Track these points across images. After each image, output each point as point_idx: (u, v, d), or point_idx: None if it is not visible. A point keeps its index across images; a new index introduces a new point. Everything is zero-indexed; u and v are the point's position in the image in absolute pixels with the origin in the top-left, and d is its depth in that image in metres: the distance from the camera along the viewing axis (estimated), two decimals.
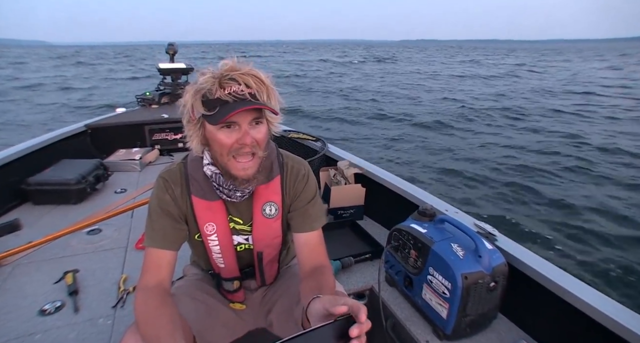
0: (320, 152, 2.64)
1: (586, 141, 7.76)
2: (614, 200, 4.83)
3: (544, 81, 21.11)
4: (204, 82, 0.85)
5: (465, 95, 14.63)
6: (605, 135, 8.50)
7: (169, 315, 0.87)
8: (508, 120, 10.36)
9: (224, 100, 0.84)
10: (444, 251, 1.31)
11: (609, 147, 7.22)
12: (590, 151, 7.12)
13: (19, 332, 1.43)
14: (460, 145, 7.67)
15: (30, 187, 2.57)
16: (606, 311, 1.12)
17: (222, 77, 0.84)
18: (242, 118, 0.86)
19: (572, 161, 6.50)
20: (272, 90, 0.90)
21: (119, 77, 22.64)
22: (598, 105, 12.89)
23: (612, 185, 5.35)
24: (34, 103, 13.80)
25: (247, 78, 0.85)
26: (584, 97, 14.88)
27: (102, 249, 2.04)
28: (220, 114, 0.84)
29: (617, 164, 6.32)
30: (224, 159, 0.91)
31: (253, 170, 0.92)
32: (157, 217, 0.99)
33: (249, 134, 0.88)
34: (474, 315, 1.30)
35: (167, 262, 0.98)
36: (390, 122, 10.28)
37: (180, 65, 4.75)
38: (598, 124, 9.98)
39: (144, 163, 3.46)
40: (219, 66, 0.87)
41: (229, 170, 0.92)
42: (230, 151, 0.89)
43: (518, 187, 5.37)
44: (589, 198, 4.90)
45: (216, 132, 0.88)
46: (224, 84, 0.84)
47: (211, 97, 0.85)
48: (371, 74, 25.82)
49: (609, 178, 5.62)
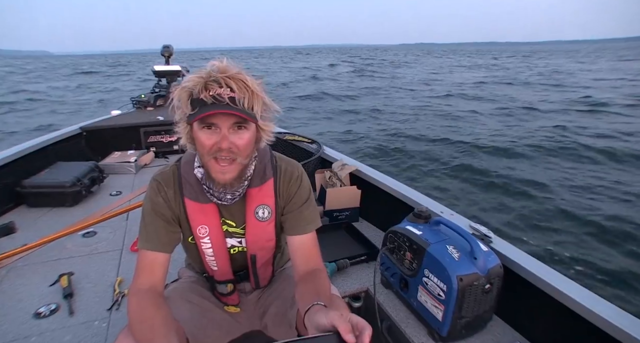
0: (315, 154, 2.65)
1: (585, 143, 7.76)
2: (612, 203, 4.85)
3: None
4: (190, 81, 0.86)
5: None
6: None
7: (163, 318, 0.87)
8: (501, 118, 10.42)
9: (204, 101, 0.84)
10: (439, 253, 1.32)
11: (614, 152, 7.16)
12: (590, 151, 7.14)
13: (14, 334, 1.43)
14: (459, 148, 7.69)
15: (25, 190, 2.56)
16: (601, 313, 1.12)
17: (208, 78, 0.85)
18: (222, 121, 0.86)
19: (570, 161, 6.53)
20: (257, 97, 0.88)
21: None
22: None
23: (611, 188, 5.36)
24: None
25: (230, 81, 0.85)
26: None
27: (97, 252, 2.03)
28: (196, 114, 0.85)
29: (618, 165, 6.32)
30: (204, 159, 0.91)
31: (231, 175, 0.92)
32: (151, 220, 1.00)
33: (227, 139, 0.87)
34: (469, 317, 1.30)
35: (161, 265, 0.98)
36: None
37: (176, 67, 4.74)
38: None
39: (139, 165, 3.45)
40: (208, 66, 0.87)
41: (209, 171, 0.93)
42: (210, 152, 0.89)
43: (514, 189, 5.38)
44: (585, 201, 4.93)
45: (198, 131, 0.88)
46: (208, 86, 0.85)
47: (195, 96, 0.86)
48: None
49: (608, 180, 5.64)
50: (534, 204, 4.87)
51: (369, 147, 7.96)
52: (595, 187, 5.35)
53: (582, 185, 5.46)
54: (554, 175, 5.90)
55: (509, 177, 5.86)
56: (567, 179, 5.68)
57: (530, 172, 6.10)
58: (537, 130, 8.96)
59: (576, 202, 4.86)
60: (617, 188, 5.27)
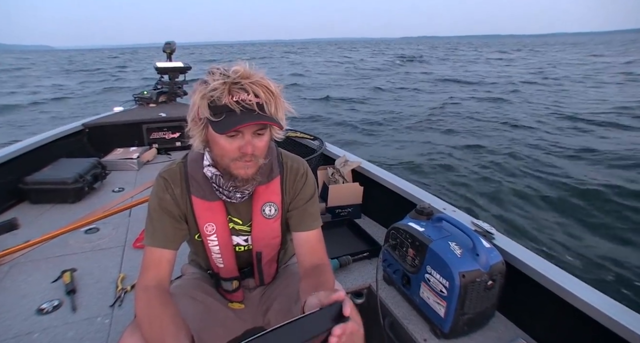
0: (318, 151, 2.64)
1: (590, 140, 7.70)
2: (615, 198, 4.82)
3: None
4: (213, 86, 0.83)
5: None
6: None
7: (172, 316, 0.87)
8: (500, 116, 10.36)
9: (231, 108, 0.83)
10: (441, 249, 1.31)
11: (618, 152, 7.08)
12: (590, 152, 7.11)
13: (16, 331, 1.43)
14: (459, 143, 7.67)
15: (27, 186, 2.57)
16: (604, 309, 1.12)
17: (232, 84, 0.83)
18: (247, 128, 0.86)
19: (572, 158, 6.50)
20: (280, 102, 0.89)
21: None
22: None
23: (615, 183, 5.33)
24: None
25: (257, 88, 0.84)
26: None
27: (99, 248, 2.03)
28: (225, 123, 0.83)
29: (621, 164, 6.29)
30: (224, 162, 0.91)
31: (253, 169, 0.93)
32: (158, 216, 1.00)
33: (251, 144, 0.88)
34: (471, 314, 1.30)
35: (167, 261, 0.98)
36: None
37: (178, 64, 4.74)
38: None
39: (142, 162, 3.45)
40: (230, 71, 0.84)
41: (230, 170, 0.92)
42: (232, 158, 0.89)
43: (516, 185, 5.37)
44: (587, 196, 4.91)
45: (219, 137, 0.87)
46: (232, 91, 0.83)
47: (219, 102, 0.83)
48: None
49: (613, 177, 5.61)
50: (538, 201, 4.86)
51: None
52: (609, 183, 5.28)
53: (591, 180, 5.41)
54: (559, 171, 5.88)
55: (513, 174, 5.84)
56: (574, 176, 5.65)
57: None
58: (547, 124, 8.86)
59: (583, 198, 4.84)
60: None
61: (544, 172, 5.85)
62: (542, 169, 5.99)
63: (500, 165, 6.27)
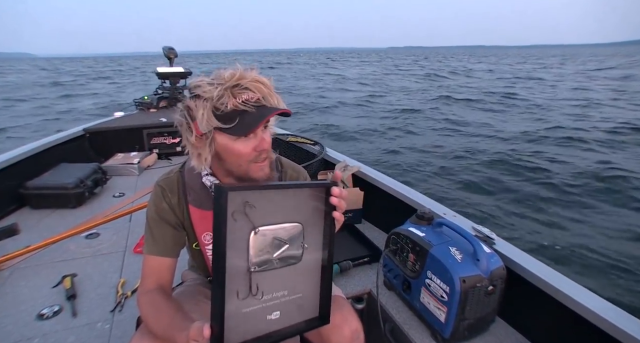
0: (318, 156, 2.64)
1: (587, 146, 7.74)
2: (616, 204, 4.83)
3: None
4: (216, 95, 0.81)
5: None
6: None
7: (177, 309, 0.87)
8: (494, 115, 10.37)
9: (240, 109, 0.82)
10: (442, 255, 1.31)
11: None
12: (591, 152, 7.11)
13: (17, 336, 1.43)
14: (459, 148, 7.68)
15: (28, 191, 2.57)
16: (605, 315, 1.12)
17: (232, 87, 0.82)
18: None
19: (574, 163, 6.50)
20: (276, 93, 0.90)
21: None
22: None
23: (616, 188, 5.33)
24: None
25: (257, 85, 0.84)
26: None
27: (100, 253, 2.03)
28: (244, 125, 0.83)
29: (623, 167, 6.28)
30: (243, 168, 0.89)
31: (268, 168, 0.93)
32: (156, 225, 1.00)
33: (265, 139, 0.88)
34: (472, 319, 1.30)
35: (168, 269, 0.99)
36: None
37: (179, 69, 4.76)
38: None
39: (142, 167, 3.46)
40: (224, 76, 0.83)
41: (250, 175, 0.90)
42: (250, 159, 0.88)
43: (517, 190, 5.37)
44: (589, 202, 4.91)
45: (233, 143, 0.86)
46: (235, 93, 0.82)
47: (225, 109, 0.82)
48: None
49: (612, 181, 5.61)
50: (540, 206, 4.86)
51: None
52: (609, 188, 5.29)
53: (592, 184, 5.41)
54: (561, 177, 5.88)
55: (515, 179, 5.84)
56: (576, 182, 5.66)
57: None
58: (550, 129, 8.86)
59: (585, 204, 4.85)
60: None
61: (545, 177, 5.85)
62: (543, 174, 6.00)
63: (501, 170, 6.28)
